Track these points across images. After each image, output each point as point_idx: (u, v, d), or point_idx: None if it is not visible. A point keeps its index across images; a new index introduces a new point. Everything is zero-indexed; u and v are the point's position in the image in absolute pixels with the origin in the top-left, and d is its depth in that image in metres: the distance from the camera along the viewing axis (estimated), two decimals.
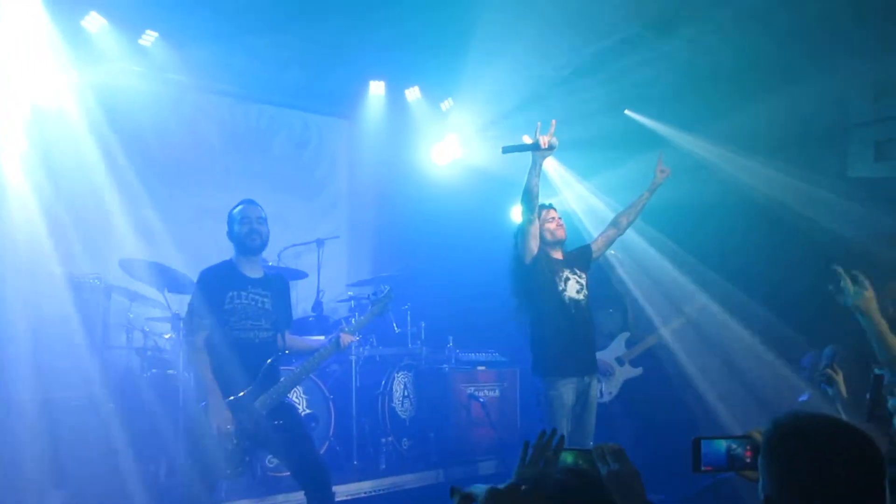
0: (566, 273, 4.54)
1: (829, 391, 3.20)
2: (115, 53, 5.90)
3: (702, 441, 1.97)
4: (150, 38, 5.93)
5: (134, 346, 5.72)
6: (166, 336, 5.76)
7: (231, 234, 4.14)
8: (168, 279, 5.46)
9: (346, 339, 4.22)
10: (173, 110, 6.77)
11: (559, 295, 4.46)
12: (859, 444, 1.50)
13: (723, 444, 1.97)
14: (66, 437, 4.79)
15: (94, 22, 5.73)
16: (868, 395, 2.81)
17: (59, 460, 4.68)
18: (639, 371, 6.04)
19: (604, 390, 5.73)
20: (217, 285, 4.02)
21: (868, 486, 1.46)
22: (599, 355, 5.31)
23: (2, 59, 5.37)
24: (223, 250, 4.31)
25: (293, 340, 4.34)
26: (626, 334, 6.21)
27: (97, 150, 6.24)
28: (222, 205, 6.85)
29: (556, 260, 4.59)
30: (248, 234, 4.08)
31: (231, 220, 4.16)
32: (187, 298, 5.50)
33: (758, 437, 1.83)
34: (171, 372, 5.44)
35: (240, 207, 4.17)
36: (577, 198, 7.33)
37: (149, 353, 5.71)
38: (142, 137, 6.45)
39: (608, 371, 5.90)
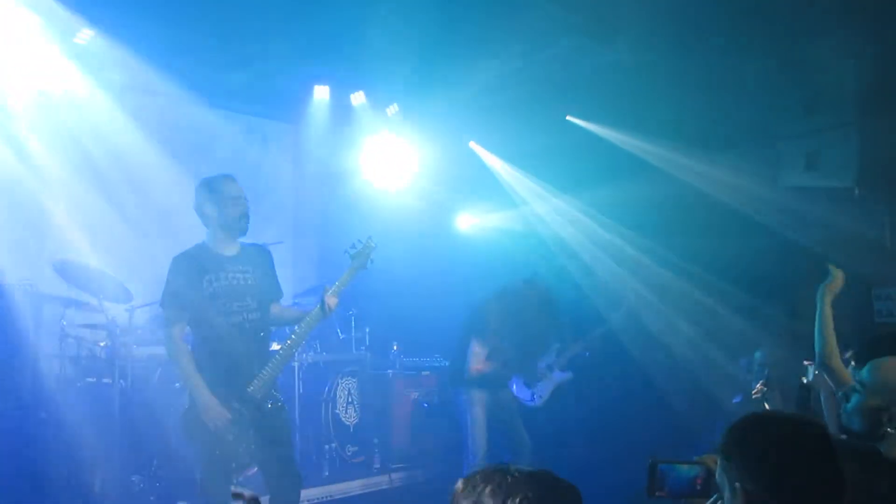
0: None
1: (767, 406, 3.36)
2: (50, 51, 5.72)
3: (660, 465, 1.91)
4: (86, 36, 5.76)
5: (68, 353, 5.53)
6: (101, 344, 5.60)
7: (218, 212, 3.75)
8: (102, 284, 5.33)
9: (330, 301, 3.88)
10: (111, 111, 6.58)
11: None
12: (811, 426, 1.62)
13: (681, 470, 1.92)
14: None
15: (29, 19, 5.54)
16: (796, 405, 2.92)
17: None
18: (568, 375, 6.17)
19: (535, 394, 5.92)
20: (192, 271, 3.69)
21: (827, 467, 1.56)
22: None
23: None
24: (159, 254, 4.17)
25: (283, 311, 4.09)
26: (557, 345, 6.31)
27: (31, 151, 6.05)
28: (162, 209, 6.77)
29: None
30: (241, 216, 3.78)
31: (218, 195, 3.76)
32: (122, 305, 5.42)
33: (711, 462, 1.84)
34: (106, 380, 5.29)
35: (228, 182, 3.82)
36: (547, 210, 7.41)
37: (83, 361, 5.54)
38: (78, 138, 6.26)
39: (540, 377, 6.04)
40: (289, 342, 3.92)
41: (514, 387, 5.90)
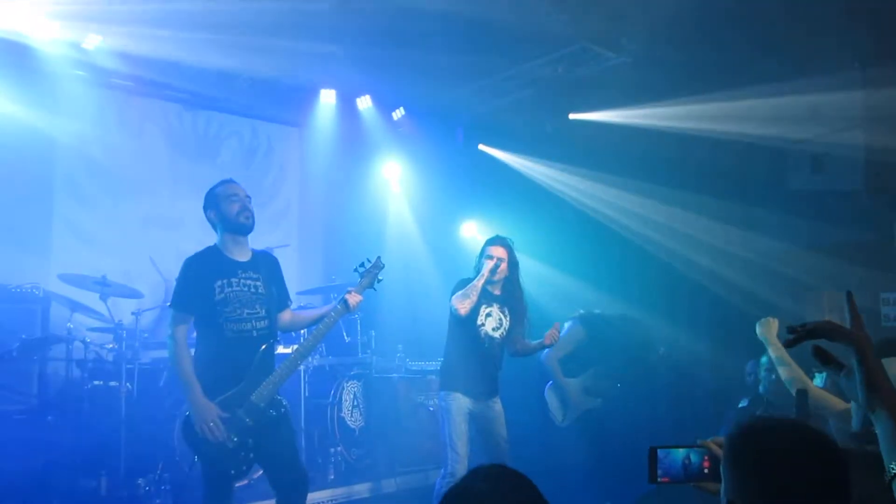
0: (492, 308, 4.64)
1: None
2: (57, 57, 5.76)
3: (658, 450, 1.83)
4: (93, 41, 5.79)
5: (74, 357, 5.56)
6: (108, 347, 5.63)
7: (218, 215, 3.75)
8: (110, 291, 5.36)
9: (353, 298, 3.87)
10: (118, 116, 6.63)
11: (476, 328, 4.59)
12: (823, 444, 1.50)
13: (680, 454, 1.84)
14: (3, 451, 4.64)
15: (36, 24, 5.57)
16: (795, 411, 2.91)
17: None
18: (598, 402, 5.65)
19: (566, 414, 5.58)
20: (204, 274, 3.65)
21: (832, 486, 1.45)
22: (569, 381, 5.50)
23: None
24: (170, 258, 4.20)
25: (296, 316, 4.08)
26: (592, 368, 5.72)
27: (38, 155, 6.10)
28: (169, 213, 6.82)
29: (488, 293, 4.62)
30: (239, 212, 3.72)
31: (215, 198, 3.77)
32: (129, 308, 5.45)
33: (714, 447, 1.78)
34: (113, 384, 5.32)
35: (224, 185, 3.81)
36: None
37: (90, 364, 5.56)
38: (85, 143, 6.30)
39: (568, 398, 5.59)
40: (300, 345, 3.89)
41: (549, 404, 5.58)
